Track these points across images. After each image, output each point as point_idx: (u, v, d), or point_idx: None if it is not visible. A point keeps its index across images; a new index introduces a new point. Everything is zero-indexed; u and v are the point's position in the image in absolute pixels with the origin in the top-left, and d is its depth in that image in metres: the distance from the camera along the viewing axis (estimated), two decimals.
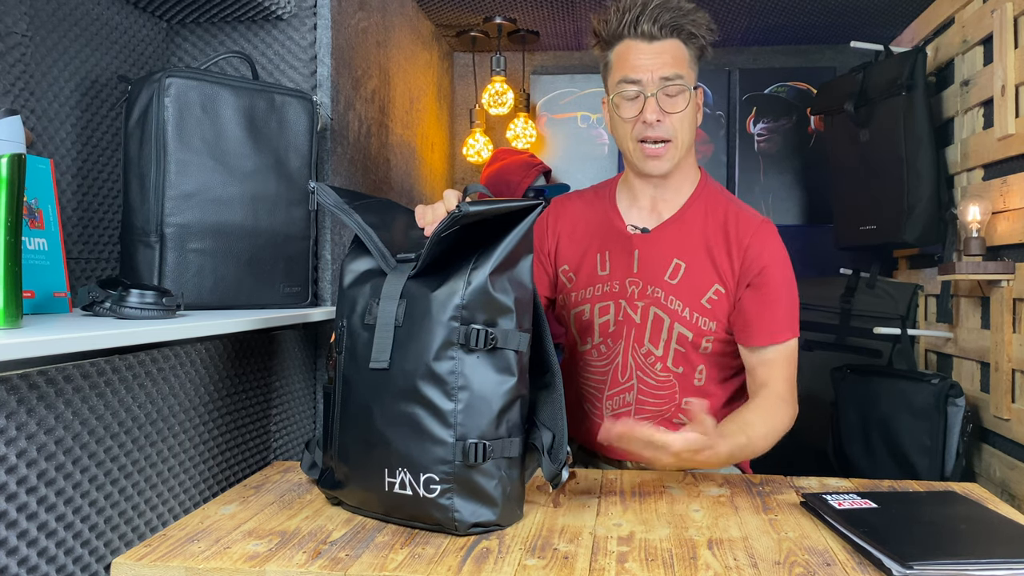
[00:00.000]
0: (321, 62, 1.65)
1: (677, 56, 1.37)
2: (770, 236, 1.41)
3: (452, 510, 1.00)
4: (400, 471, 1.00)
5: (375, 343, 1.02)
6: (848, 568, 0.93)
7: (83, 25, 1.42)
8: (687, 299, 1.40)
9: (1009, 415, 1.82)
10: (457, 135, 3.14)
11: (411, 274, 1.04)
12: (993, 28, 1.88)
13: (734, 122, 3.02)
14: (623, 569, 0.93)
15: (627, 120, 1.38)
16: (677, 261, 1.41)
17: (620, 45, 1.39)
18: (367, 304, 1.06)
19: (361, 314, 1.06)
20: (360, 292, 1.08)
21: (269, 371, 1.48)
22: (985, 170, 2.00)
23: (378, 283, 1.06)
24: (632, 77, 1.36)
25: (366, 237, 1.09)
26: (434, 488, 0.99)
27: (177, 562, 0.95)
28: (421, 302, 1.01)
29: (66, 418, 0.96)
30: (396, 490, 1.01)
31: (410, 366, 1.00)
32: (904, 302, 2.37)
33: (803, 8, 2.56)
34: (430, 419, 0.99)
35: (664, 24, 1.35)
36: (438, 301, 1.00)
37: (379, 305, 1.03)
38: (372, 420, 1.03)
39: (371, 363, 1.02)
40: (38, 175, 1.14)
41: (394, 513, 1.05)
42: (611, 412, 1.44)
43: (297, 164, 1.48)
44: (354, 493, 1.09)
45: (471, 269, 1.00)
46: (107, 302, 1.09)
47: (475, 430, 1.00)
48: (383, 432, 1.02)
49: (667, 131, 1.36)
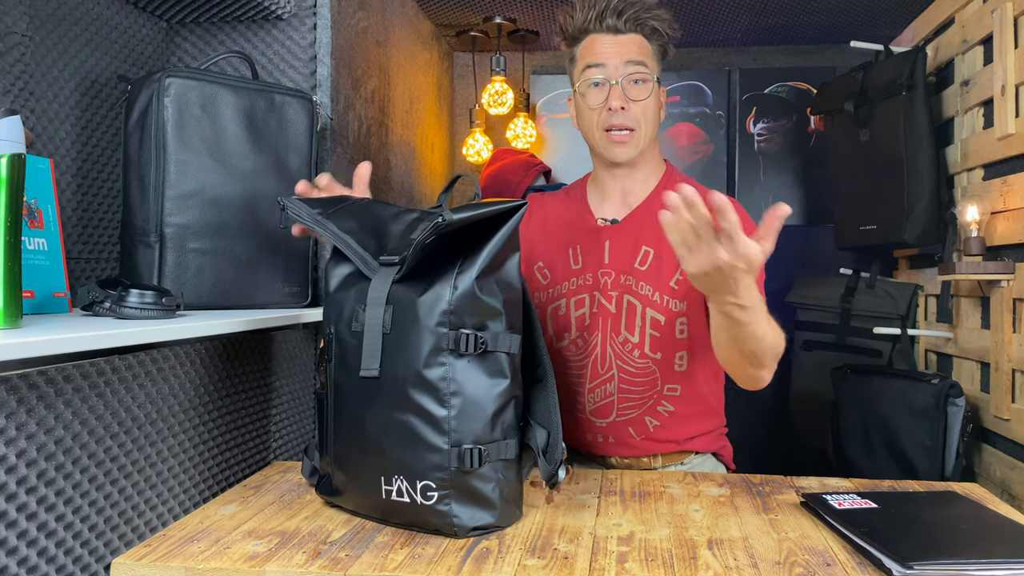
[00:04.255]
0: (321, 62, 1.65)
1: (641, 47, 1.42)
2: None
3: (450, 516, 0.99)
4: (396, 479, 1.00)
5: (364, 351, 1.01)
6: (848, 568, 0.93)
7: (83, 25, 1.42)
8: (656, 283, 1.42)
9: (1009, 415, 1.82)
10: (457, 135, 3.14)
11: (395, 278, 1.02)
12: (993, 28, 1.88)
13: (734, 122, 3.02)
14: (623, 569, 0.93)
15: (593, 109, 1.42)
16: (646, 248, 1.43)
17: (586, 39, 1.44)
18: (353, 310, 1.04)
19: (348, 320, 1.04)
20: (346, 297, 1.06)
21: (269, 371, 1.48)
22: (985, 170, 2.00)
23: (363, 287, 1.04)
24: (596, 62, 1.40)
25: (344, 246, 1.07)
26: (431, 495, 0.99)
27: (177, 562, 0.95)
28: (408, 308, 0.99)
29: (66, 418, 0.96)
30: (394, 497, 1.01)
31: (400, 373, 0.99)
32: (904, 302, 2.37)
33: (803, 8, 2.56)
34: (424, 426, 0.98)
35: (628, 19, 1.40)
36: (425, 306, 0.98)
37: (365, 311, 1.01)
38: (366, 428, 1.01)
39: (361, 371, 1.01)
40: (38, 175, 1.14)
41: (393, 519, 1.05)
42: (593, 405, 1.44)
43: (297, 164, 1.48)
44: (352, 499, 1.09)
45: (456, 273, 0.98)
46: (107, 302, 1.09)
47: (470, 435, 0.99)
48: (378, 440, 1.01)
49: (631, 119, 1.40)
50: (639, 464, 1.46)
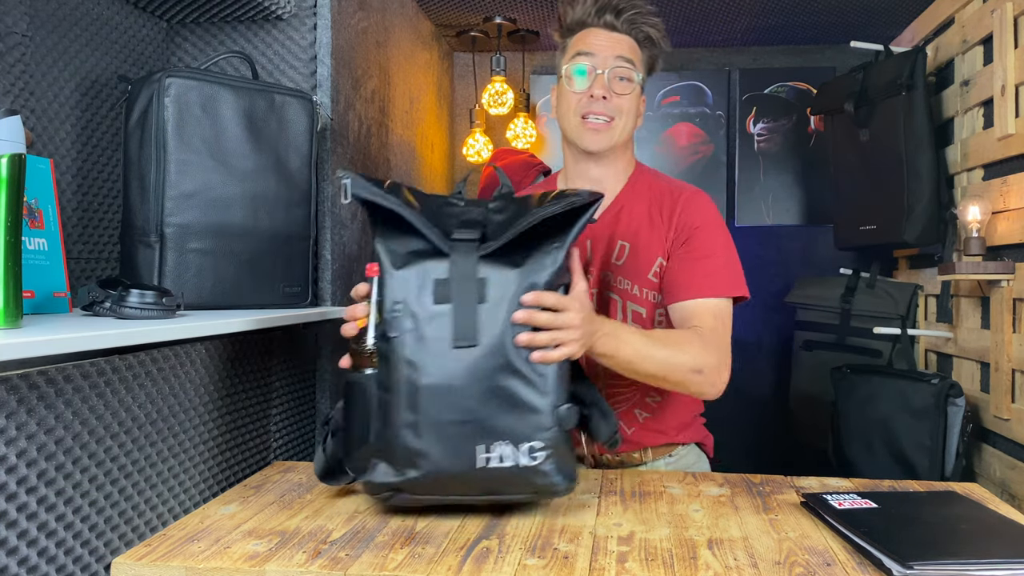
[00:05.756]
0: (321, 62, 1.65)
1: (632, 49, 1.44)
2: (701, 202, 1.45)
3: (552, 475, 1.04)
4: (498, 444, 1.03)
5: (457, 322, 1.04)
6: (848, 568, 0.93)
7: (83, 25, 1.43)
8: (634, 277, 1.43)
9: (1009, 415, 1.82)
10: (457, 135, 3.14)
11: (485, 253, 1.06)
12: (993, 28, 1.88)
13: (734, 122, 3.02)
14: (623, 569, 0.93)
15: (576, 93, 1.43)
16: (622, 243, 1.45)
17: (581, 32, 1.46)
18: (431, 284, 1.05)
19: (426, 294, 1.05)
20: (414, 273, 1.06)
21: (269, 371, 1.48)
22: (985, 170, 2.00)
23: (433, 263, 1.06)
24: (587, 50, 1.42)
25: (418, 220, 1.08)
26: (536, 455, 1.03)
27: (177, 562, 0.95)
28: (503, 280, 1.05)
29: (66, 418, 0.96)
30: (491, 465, 1.03)
31: (498, 341, 1.03)
32: (904, 302, 2.38)
33: (803, 8, 2.56)
34: (527, 389, 1.04)
35: (626, 20, 1.43)
36: (525, 278, 1.05)
37: (454, 285, 1.05)
38: (458, 399, 1.04)
39: (456, 342, 1.03)
40: (38, 175, 1.14)
41: (481, 490, 1.07)
42: None
43: (297, 164, 1.48)
44: (427, 481, 1.06)
45: (555, 248, 1.06)
46: (107, 302, 1.09)
47: (562, 396, 1.05)
48: (475, 409, 1.03)
49: (612, 109, 1.41)
50: (630, 460, 1.46)
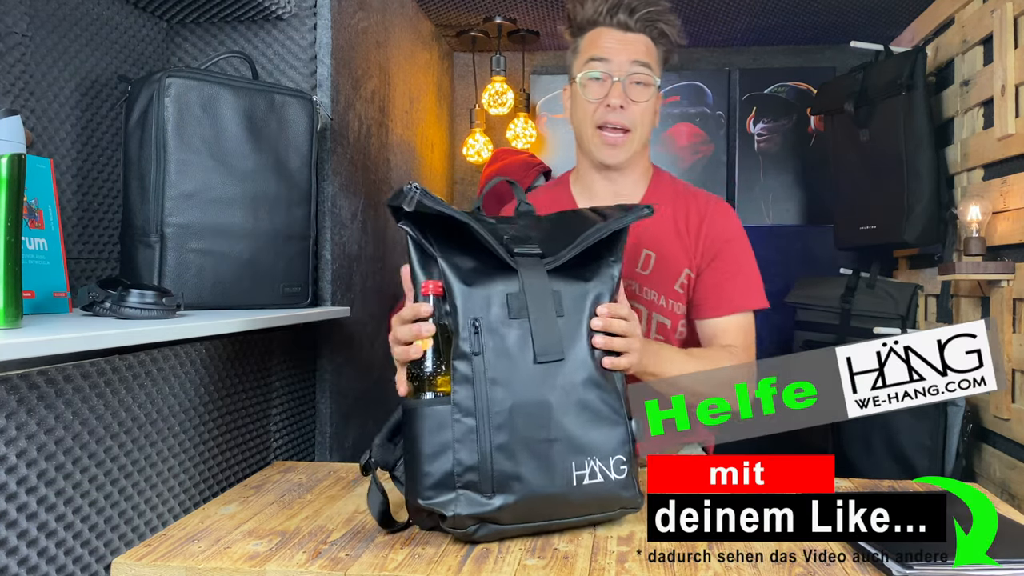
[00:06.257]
0: (321, 62, 1.65)
1: (648, 49, 1.39)
2: (728, 214, 1.45)
3: (633, 488, 1.03)
4: (589, 460, 1.01)
5: (539, 336, 1.02)
6: (848, 568, 0.93)
7: (83, 25, 1.42)
8: (661, 287, 1.41)
9: (1009, 415, 1.82)
10: (457, 135, 3.14)
11: (551, 268, 1.05)
12: (993, 28, 1.88)
13: (734, 122, 3.02)
14: (623, 569, 0.93)
15: (591, 102, 1.38)
16: (647, 252, 1.42)
17: (592, 31, 1.40)
18: (503, 299, 1.03)
19: (496, 310, 1.03)
20: (484, 289, 1.03)
21: (269, 371, 1.48)
22: (985, 170, 2.00)
23: (501, 279, 1.04)
24: (601, 56, 1.37)
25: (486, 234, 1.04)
26: (623, 468, 1.02)
27: (177, 562, 0.95)
28: (573, 294, 1.05)
29: (66, 418, 0.96)
30: (587, 481, 1.01)
31: (582, 354, 1.03)
32: (904, 302, 2.38)
33: (803, 8, 2.56)
34: (605, 403, 1.03)
35: (640, 18, 1.36)
36: (594, 292, 1.05)
37: (530, 299, 1.03)
38: (548, 415, 1.01)
39: (540, 356, 1.01)
40: (38, 175, 1.14)
41: (573, 512, 1.03)
42: None
43: (297, 164, 1.48)
44: (521, 506, 1.01)
45: (613, 262, 1.08)
46: (107, 302, 1.09)
47: (625, 408, 1.05)
48: (564, 424, 1.01)
49: (629, 120, 1.37)
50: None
